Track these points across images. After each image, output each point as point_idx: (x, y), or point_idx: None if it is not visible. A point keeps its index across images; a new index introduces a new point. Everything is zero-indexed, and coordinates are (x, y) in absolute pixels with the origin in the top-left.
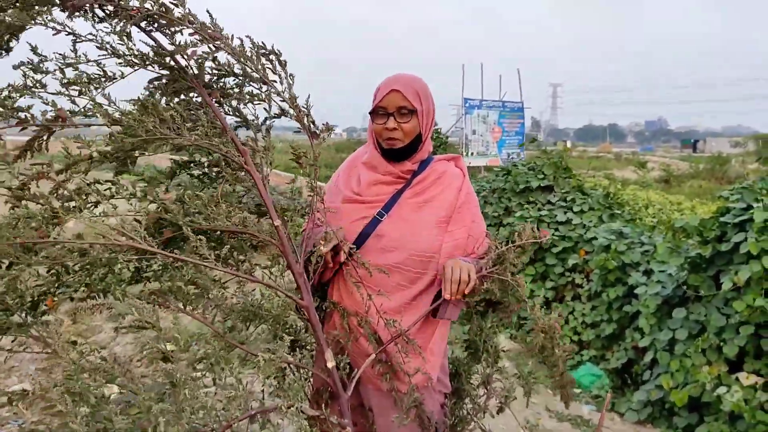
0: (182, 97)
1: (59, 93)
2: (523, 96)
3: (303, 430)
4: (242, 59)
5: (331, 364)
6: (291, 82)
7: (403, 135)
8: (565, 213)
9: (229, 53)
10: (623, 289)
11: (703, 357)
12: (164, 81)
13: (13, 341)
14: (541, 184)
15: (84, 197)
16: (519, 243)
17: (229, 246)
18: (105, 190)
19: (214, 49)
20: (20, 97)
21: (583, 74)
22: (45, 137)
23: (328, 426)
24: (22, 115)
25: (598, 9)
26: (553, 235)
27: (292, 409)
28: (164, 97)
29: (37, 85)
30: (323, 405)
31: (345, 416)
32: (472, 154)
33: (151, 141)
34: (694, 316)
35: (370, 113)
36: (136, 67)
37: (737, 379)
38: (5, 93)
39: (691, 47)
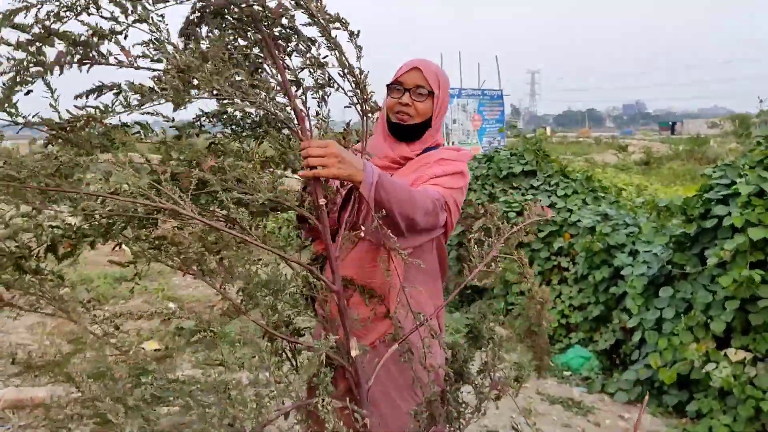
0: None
1: (111, 18)
2: (501, 84)
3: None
4: (317, 18)
5: (355, 353)
6: (359, 54)
7: (415, 112)
8: (549, 197)
9: (304, 11)
10: (609, 271)
11: (690, 334)
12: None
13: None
14: (524, 169)
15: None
16: (526, 223)
17: (260, 220)
18: (134, 134)
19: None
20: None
21: (560, 61)
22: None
23: (347, 418)
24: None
25: None
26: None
27: (324, 403)
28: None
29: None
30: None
31: (364, 406)
32: (453, 143)
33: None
34: (680, 294)
35: (387, 86)
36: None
37: (725, 355)
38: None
39: (666, 31)
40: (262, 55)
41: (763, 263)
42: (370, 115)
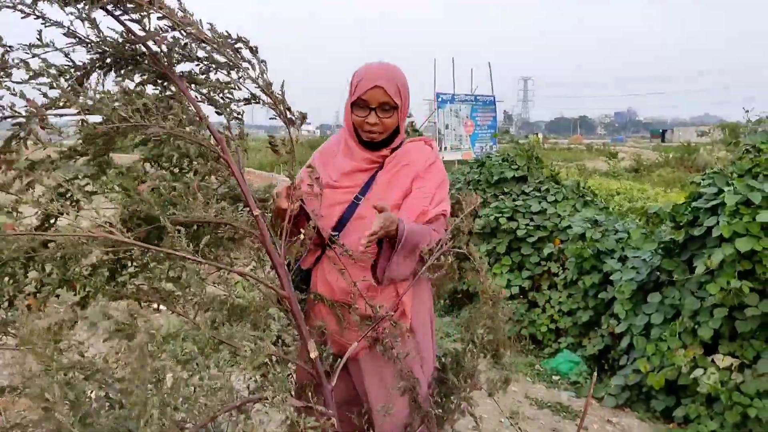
0: (152, 87)
1: (26, 81)
2: (494, 90)
3: (290, 420)
4: (214, 45)
5: (313, 355)
6: (264, 68)
7: (383, 128)
8: (540, 203)
9: (200, 39)
10: (599, 277)
11: (678, 340)
12: (134, 71)
13: None
14: (515, 175)
15: (64, 195)
16: (468, 210)
17: (206, 241)
18: (85, 185)
19: (184, 35)
20: None
21: (553, 68)
22: (23, 134)
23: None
24: None
25: (565, 3)
26: (527, 225)
27: (277, 399)
28: (136, 87)
29: (2, 75)
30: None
31: (329, 406)
32: (445, 148)
33: (124, 132)
34: (668, 300)
35: (351, 104)
36: (107, 56)
37: (713, 361)
38: None
39: (658, 40)
40: (173, 90)
41: (752, 272)
42: (298, 122)
